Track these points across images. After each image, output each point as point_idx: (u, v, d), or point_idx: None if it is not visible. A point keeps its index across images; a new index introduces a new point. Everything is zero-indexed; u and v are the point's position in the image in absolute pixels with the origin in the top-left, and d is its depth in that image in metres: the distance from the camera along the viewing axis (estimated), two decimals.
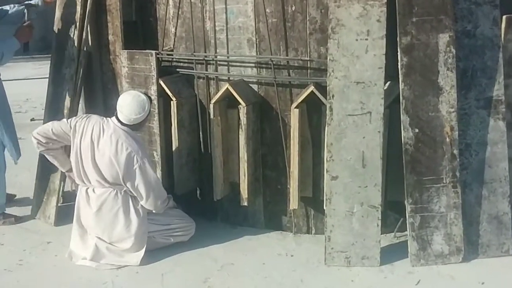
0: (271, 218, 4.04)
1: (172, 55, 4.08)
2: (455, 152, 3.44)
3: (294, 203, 3.77)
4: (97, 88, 4.55)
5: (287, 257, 3.67)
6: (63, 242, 3.83)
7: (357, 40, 3.37)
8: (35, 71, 11.35)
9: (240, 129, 3.81)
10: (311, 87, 3.57)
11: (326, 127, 3.46)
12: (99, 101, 4.55)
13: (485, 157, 3.52)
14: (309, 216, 3.95)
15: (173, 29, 4.07)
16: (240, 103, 3.73)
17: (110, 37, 4.27)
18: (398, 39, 3.37)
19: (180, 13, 3.99)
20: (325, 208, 3.51)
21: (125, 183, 3.56)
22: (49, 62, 4.51)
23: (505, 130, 3.52)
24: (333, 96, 3.41)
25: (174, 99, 3.91)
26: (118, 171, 3.53)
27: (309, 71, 3.71)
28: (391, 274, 3.41)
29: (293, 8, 3.65)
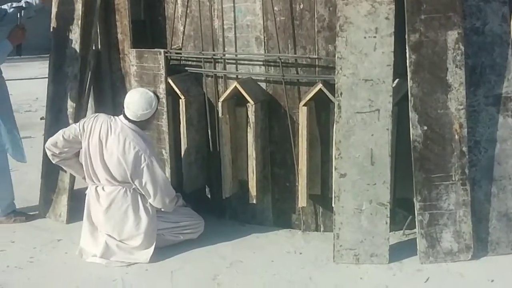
0: (280, 216, 4.04)
1: (180, 53, 4.09)
2: (464, 149, 3.42)
3: (302, 200, 3.77)
4: (106, 87, 4.57)
5: (295, 255, 3.68)
6: (73, 240, 3.86)
7: (365, 37, 3.36)
8: (43, 70, 11.39)
9: (248, 127, 3.81)
10: (320, 85, 3.57)
11: (335, 124, 3.46)
12: (108, 100, 4.58)
13: (494, 154, 3.51)
14: (317, 214, 3.95)
15: (181, 28, 4.07)
16: (248, 101, 3.73)
17: (119, 36, 4.29)
18: (406, 36, 3.36)
19: (188, 11, 4.00)
20: (333, 205, 3.51)
21: (133, 181, 3.57)
22: None
23: None
24: (341, 94, 3.41)
25: (182, 97, 3.92)
26: (126, 170, 3.54)
27: (317, 69, 3.70)
28: (400, 272, 3.41)
29: (301, 6, 3.64)
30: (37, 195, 4.49)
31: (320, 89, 3.56)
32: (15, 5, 4.12)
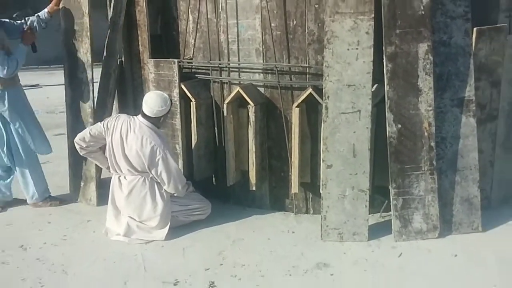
0: (276, 201, 4.04)
1: (191, 63, 4.09)
2: (432, 144, 3.43)
3: (295, 188, 3.77)
4: (128, 91, 4.57)
5: (289, 234, 3.68)
6: (100, 221, 3.87)
7: (348, 49, 3.36)
8: None
9: (249, 126, 3.81)
10: (310, 90, 3.57)
11: (322, 123, 3.46)
12: (130, 102, 4.57)
13: (458, 148, 3.51)
14: (307, 199, 3.96)
15: (192, 41, 4.07)
16: (249, 104, 3.73)
17: (140, 48, 4.29)
18: (383, 48, 3.36)
19: (198, 27, 4.00)
20: (321, 192, 3.51)
21: (150, 171, 3.57)
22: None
23: (475, 126, 3.50)
24: (328, 97, 3.41)
25: (193, 100, 3.92)
26: (144, 161, 3.55)
27: (308, 76, 3.70)
28: (377, 248, 3.42)
29: (294, 22, 3.64)
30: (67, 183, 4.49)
31: (310, 93, 3.56)
32: (31, 18, 4.07)
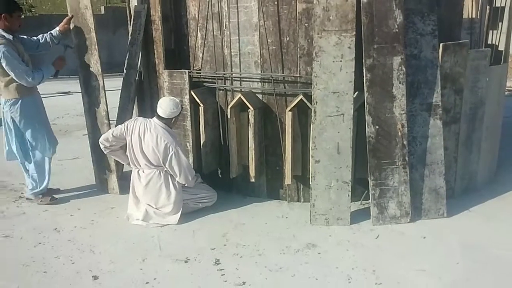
0: (272, 191, 4.04)
1: (200, 73, 4.08)
2: (405, 142, 3.43)
3: (288, 179, 3.77)
4: (146, 97, 4.56)
5: (283, 219, 3.68)
6: (122, 208, 3.86)
7: (334, 61, 3.36)
8: None
9: (249, 127, 3.81)
10: (301, 96, 3.57)
11: (311, 125, 3.46)
12: (147, 107, 4.56)
13: (427, 146, 3.52)
14: (299, 189, 3.96)
15: (200, 54, 4.07)
16: (249, 108, 3.73)
17: (156, 60, 4.28)
18: (363, 60, 3.36)
19: (206, 43, 3.99)
20: (310, 183, 3.52)
21: (164, 165, 3.58)
22: (111, 79, 4.47)
23: (441, 127, 3.51)
24: (316, 103, 3.41)
25: (201, 105, 3.91)
26: (159, 157, 3.55)
27: (299, 84, 3.70)
28: (358, 231, 3.42)
29: (287, 39, 3.64)
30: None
31: (301, 99, 3.56)
32: (40, 36, 4.00)
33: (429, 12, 3.48)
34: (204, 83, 4.08)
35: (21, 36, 3.96)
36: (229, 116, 3.83)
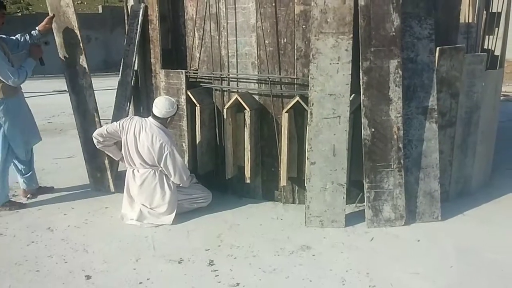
0: (267, 192, 4.04)
1: (196, 73, 4.07)
2: (400, 145, 3.43)
3: (283, 181, 3.77)
4: (142, 97, 4.55)
5: (278, 220, 3.68)
6: (116, 207, 3.85)
7: (330, 64, 3.36)
8: (99, 84, 11.36)
9: (245, 128, 3.80)
10: (297, 98, 3.56)
11: (308, 126, 3.46)
12: (144, 106, 4.55)
13: (422, 149, 3.52)
14: (294, 191, 3.95)
15: (197, 55, 4.06)
16: (245, 109, 3.72)
17: (152, 60, 4.27)
18: (360, 63, 3.36)
19: (203, 43, 3.99)
20: (305, 185, 3.51)
21: (159, 164, 3.56)
22: (108, 78, 4.46)
23: (437, 130, 3.51)
24: (313, 104, 3.41)
25: (198, 105, 3.91)
26: (154, 156, 3.53)
27: (296, 86, 3.70)
28: (352, 233, 3.42)
29: (284, 40, 3.64)
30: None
31: (298, 100, 3.56)
32: (19, 36, 3.96)
33: (426, 16, 3.49)
34: (201, 84, 4.07)
35: (2, 36, 3.87)
36: (225, 117, 3.82)
